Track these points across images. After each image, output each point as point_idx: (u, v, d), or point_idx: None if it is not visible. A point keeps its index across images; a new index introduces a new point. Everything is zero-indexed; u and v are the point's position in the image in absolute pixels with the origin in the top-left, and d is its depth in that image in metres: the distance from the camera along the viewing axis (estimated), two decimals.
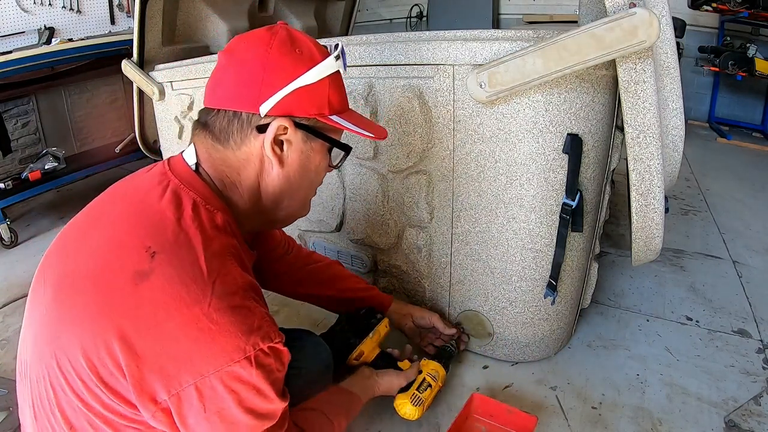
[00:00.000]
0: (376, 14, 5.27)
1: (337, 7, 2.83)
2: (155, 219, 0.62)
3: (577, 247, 1.18)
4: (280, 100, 0.67)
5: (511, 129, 1.06)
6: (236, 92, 0.68)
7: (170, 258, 0.58)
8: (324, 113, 0.71)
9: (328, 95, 0.71)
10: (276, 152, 0.70)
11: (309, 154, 0.74)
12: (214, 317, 0.56)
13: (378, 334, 1.14)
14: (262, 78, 0.67)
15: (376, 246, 1.42)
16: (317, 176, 0.79)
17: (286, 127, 0.69)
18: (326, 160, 0.78)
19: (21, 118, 2.80)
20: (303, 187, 0.77)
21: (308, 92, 0.68)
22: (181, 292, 0.56)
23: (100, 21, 3.17)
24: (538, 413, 1.13)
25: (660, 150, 0.99)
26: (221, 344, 0.56)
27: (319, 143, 0.74)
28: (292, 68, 0.67)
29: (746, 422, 1.12)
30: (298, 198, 0.78)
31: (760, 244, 1.97)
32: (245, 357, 0.57)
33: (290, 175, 0.73)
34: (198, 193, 0.66)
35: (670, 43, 1.03)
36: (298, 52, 0.68)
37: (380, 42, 1.21)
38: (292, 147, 0.71)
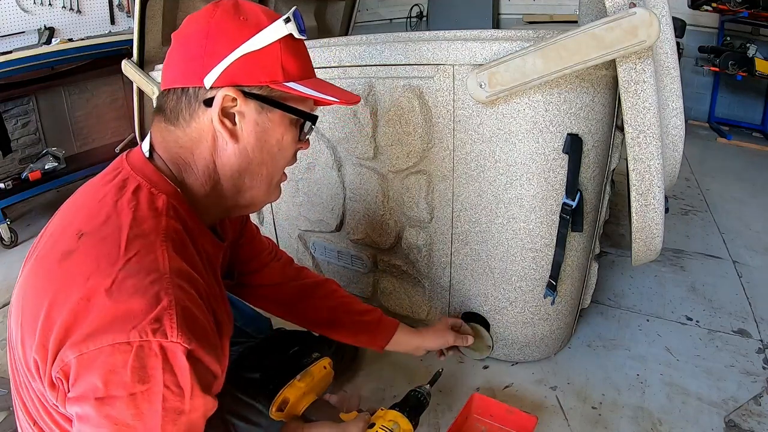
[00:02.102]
0: (376, 14, 5.26)
1: (337, 7, 2.83)
2: (95, 205, 0.60)
3: (577, 247, 1.18)
4: (224, 70, 0.62)
5: (511, 129, 1.06)
6: (182, 68, 0.64)
7: (94, 238, 0.56)
8: (277, 80, 0.65)
9: (280, 61, 0.65)
10: (226, 126, 0.65)
11: (266, 126, 0.67)
12: (114, 295, 0.52)
13: (311, 377, 0.91)
14: (204, 49, 0.62)
15: (376, 246, 1.42)
16: (282, 152, 0.71)
17: (234, 98, 0.64)
18: (291, 133, 0.70)
19: (21, 118, 2.81)
20: (265, 163, 0.70)
21: (256, 59, 0.63)
22: (91, 267, 0.54)
23: (100, 21, 3.17)
24: (538, 413, 1.13)
25: (660, 150, 0.99)
26: (110, 322, 0.51)
27: (277, 114, 0.67)
28: (236, 35, 0.63)
29: (746, 422, 1.12)
30: (260, 177, 0.71)
31: (760, 244, 1.97)
32: (126, 342, 0.50)
33: (247, 151, 0.67)
34: (145, 177, 0.63)
35: (670, 43, 1.03)
36: (242, 19, 0.63)
37: (380, 42, 1.21)
38: (246, 119, 0.66)
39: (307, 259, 1.64)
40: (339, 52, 1.24)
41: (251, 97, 0.65)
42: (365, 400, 1.23)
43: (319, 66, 1.28)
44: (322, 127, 1.38)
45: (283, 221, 1.66)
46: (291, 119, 0.69)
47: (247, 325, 1.21)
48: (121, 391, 0.51)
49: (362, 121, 1.27)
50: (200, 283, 0.61)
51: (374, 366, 1.34)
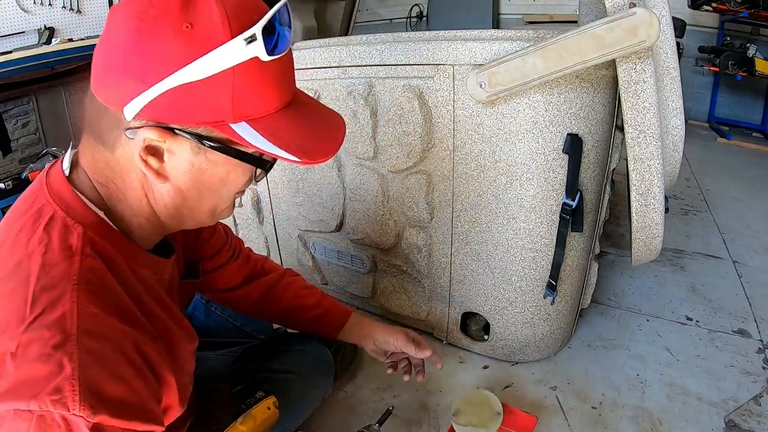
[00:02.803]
0: (376, 14, 5.26)
1: (337, 7, 2.83)
2: (11, 243, 0.52)
3: (577, 247, 1.18)
4: (151, 101, 0.47)
5: (511, 129, 1.06)
6: (101, 77, 0.50)
7: (5, 288, 0.50)
8: (223, 121, 0.49)
9: (231, 95, 0.48)
10: (150, 166, 0.52)
11: (204, 167, 0.54)
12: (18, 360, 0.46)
13: (253, 419, 0.84)
14: (128, 64, 0.46)
15: (376, 246, 1.42)
16: (227, 188, 0.58)
17: (161, 137, 0.50)
18: (240, 170, 0.56)
19: (21, 118, 2.81)
20: (206, 199, 0.58)
21: (196, 92, 0.47)
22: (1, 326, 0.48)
23: (100, 21, 3.16)
24: (538, 413, 1.13)
25: (660, 150, 0.99)
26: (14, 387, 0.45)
27: (220, 156, 0.53)
28: (174, 53, 0.45)
29: (746, 422, 1.12)
30: (202, 211, 0.60)
31: (760, 244, 1.97)
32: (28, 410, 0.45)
33: (182, 191, 0.56)
34: (62, 203, 0.53)
35: (670, 43, 1.03)
36: (186, 28, 0.45)
37: (380, 42, 1.21)
38: (177, 158, 0.52)
39: (307, 259, 1.64)
40: (339, 52, 1.24)
41: (184, 135, 0.50)
42: (365, 400, 1.24)
43: (319, 66, 1.29)
44: None
45: (283, 221, 1.66)
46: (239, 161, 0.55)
47: (246, 324, 1.21)
48: None
49: (362, 121, 1.27)
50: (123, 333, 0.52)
51: (374, 366, 1.34)
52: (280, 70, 0.51)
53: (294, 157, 0.52)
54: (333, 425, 1.17)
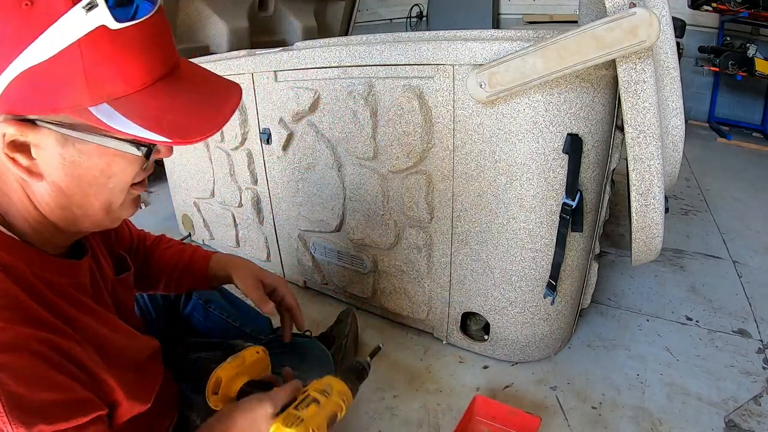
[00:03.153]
0: (376, 14, 5.27)
1: (337, 7, 2.84)
2: None
3: (577, 247, 1.18)
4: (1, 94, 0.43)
5: (511, 129, 1.06)
6: None
7: None
8: (80, 104, 0.44)
9: (83, 74, 0.42)
10: (20, 164, 0.47)
11: (77, 160, 0.48)
12: None
13: (242, 358, 0.86)
14: None
15: (376, 246, 1.42)
16: (114, 180, 0.52)
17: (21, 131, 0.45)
18: (125, 159, 0.50)
19: None
20: (91, 195, 0.52)
21: (41, 75, 0.42)
22: None
23: None
24: (539, 413, 1.13)
25: (660, 150, 0.99)
26: None
27: (91, 145, 0.48)
28: (16, 36, 0.40)
29: (746, 422, 1.12)
30: (93, 208, 0.54)
31: (760, 244, 1.97)
32: None
33: (62, 189, 0.50)
34: None
35: (670, 43, 1.03)
36: (26, 6, 0.40)
37: (380, 42, 1.21)
38: (45, 151, 0.47)
39: (307, 259, 1.64)
40: (339, 52, 1.24)
41: (45, 124, 0.45)
42: (365, 400, 1.24)
43: (319, 66, 1.29)
44: (322, 127, 1.38)
45: (283, 221, 1.66)
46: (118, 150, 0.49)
47: (245, 325, 1.21)
48: None
49: (362, 121, 1.27)
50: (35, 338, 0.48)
51: (374, 366, 1.34)
52: (141, 39, 0.44)
53: (164, 138, 0.46)
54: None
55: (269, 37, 2.45)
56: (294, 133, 1.46)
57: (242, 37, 2.16)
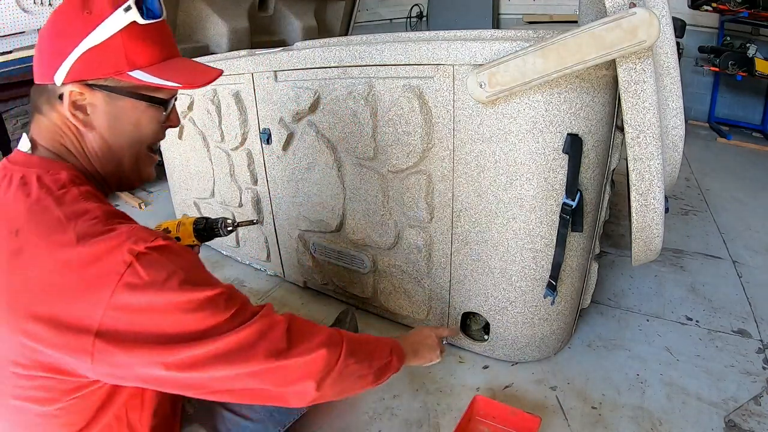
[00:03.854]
0: (376, 14, 5.27)
1: (337, 7, 2.84)
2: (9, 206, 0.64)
3: (577, 247, 1.18)
4: (70, 67, 0.67)
5: (511, 129, 1.06)
6: (39, 66, 0.70)
7: (30, 227, 0.61)
8: (121, 70, 0.68)
9: (124, 51, 0.68)
10: (78, 117, 0.70)
11: (117, 113, 0.71)
12: (86, 249, 0.59)
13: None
14: (53, 47, 0.67)
15: (376, 246, 1.42)
16: (142, 133, 0.75)
17: (81, 92, 0.68)
18: (148, 115, 0.74)
19: (21, 118, 2.81)
20: (125, 147, 0.75)
21: (99, 52, 0.67)
22: (49, 247, 0.60)
23: None
24: (538, 413, 1.13)
25: (660, 150, 0.99)
26: (104, 267, 0.58)
27: (127, 102, 0.71)
28: (78, 31, 0.66)
29: (746, 422, 1.12)
30: (126, 158, 0.76)
31: (760, 244, 1.97)
32: (128, 266, 0.59)
33: (105, 137, 0.73)
34: (38, 168, 0.68)
35: (670, 43, 1.03)
36: (86, 13, 0.66)
37: (380, 42, 1.21)
38: (96, 109, 0.70)
39: (306, 259, 1.64)
40: (339, 52, 1.24)
41: (98, 88, 0.69)
42: (365, 400, 1.24)
43: (319, 66, 1.29)
44: (322, 127, 1.38)
45: (283, 221, 1.66)
46: (146, 104, 0.73)
47: None
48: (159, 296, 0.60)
49: (362, 121, 1.27)
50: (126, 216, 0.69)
51: None
52: (156, 32, 0.71)
53: (176, 84, 0.71)
54: (333, 425, 1.17)
55: (269, 37, 2.45)
56: (294, 133, 1.46)
57: (242, 37, 2.16)
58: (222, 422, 0.92)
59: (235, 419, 0.92)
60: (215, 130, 1.69)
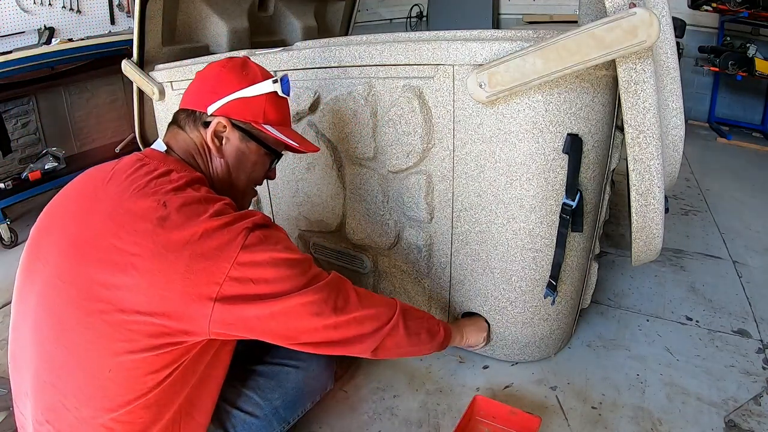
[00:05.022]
0: (376, 14, 5.26)
1: (337, 7, 2.83)
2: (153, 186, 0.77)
3: (577, 247, 1.18)
4: (223, 105, 0.87)
5: (511, 129, 1.06)
6: (195, 97, 0.90)
7: (176, 201, 0.75)
8: (258, 121, 0.90)
9: (264, 109, 0.90)
10: (215, 143, 0.88)
11: (245, 152, 0.92)
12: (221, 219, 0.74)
13: None
14: (213, 88, 0.88)
15: (376, 246, 1.42)
16: (254, 173, 0.96)
17: (225, 125, 0.88)
18: (263, 162, 0.96)
19: (21, 118, 2.81)
20: (240, 179, 0.94)
21: (247, 102, 0.88)
22: (192, 217, 0.74)
23: (100, 21, 3.17)
24: (538, 413, 1.13)
25: (660, 150, 0.99)
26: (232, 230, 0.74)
27: (254, 145, 0.92)
28: (237, 83, 0.88)
29: (746, 422, 1.12)
30: (237, 187, 0.94)
31: (760, 244, 1.97)
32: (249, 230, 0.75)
33: (228, 166, 0.91)
34: (175, 165, 0.83)
35: (670, 43, 1.03)
36: (244, 74, 0.89)
37: (380, 42, 1.21)
38: (230, 143, 0.90)
39: None
40: (339, 52, 1.24)
41: (237, 127, 0.89)
42: (365, 400, 1.24)
43: (319, 66, 1.29)
44: (322, 127, 1.38)
45: (283, 221, 1.66)
46: (265, 152, 0.94)
47: None
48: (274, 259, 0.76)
49: (362, 121, 1.27)
50: None
51: (374, 367, 1.34)
52: (286, 105, 0.97)
53: (294, 143, 0.94)
54: (333, 425, 1.17)
55: (269, 37, 2.45)
56: None
57: (242, 37, 2.15)
58: (229, 420, 0.95)
59: (241, 416, 0.96)
60: None
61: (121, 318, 0.70)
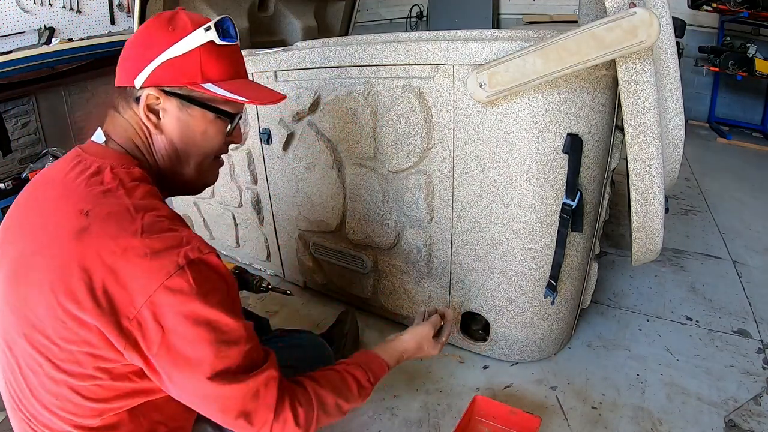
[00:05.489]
0: (376, 14, 5.27)
1: (337, 7, 2.83)
2: (82, 190, 0.69)
3: (577, 247, 1.18)
4: (150, 73, 0.72)
5: (511, 129, 1.06)
6: (122, 71, 0.76)
7: (101, 210, 0.66)
8: (195, 81, 0.74)
9: (200, 65, 0.74)
10: (151, 120, 0.75)
11: (187, 122, 0.77)
12: (148, 241, 0.63)
13: None
14: (139, 54, 0.74)
15: (376, 246, 1.42)
16: (207, 143, 0.80)
17: (157, 96, 0.74)
18: (215, 127, 0.79)
19: (21, 118, 2.80)
20: (192, 153, 0.80)
21: (178, 63, 0.73)
22: (117, 230, 0.64)
23: (100, 21, 3.16)
24: (538, 413, 1.13)
25: (660, 150, 0.99)
26: (157, 262, 0.63)
27: (197, 111, 0.76)
28: (163, 42, 0.72)
29: (746, 422, 1.12)
30: (191, 164, 0.81)
31: (760, 244, 1.97)
32: (179, 267, 0.63)
33: (173, 141, 0.78)
34: (111, 160, 0.73)
35: (670, 43, 1.03)
36: (170, 29, 0.73)
37: (380, 42, 1.21)
38: (168, 114, 0.76)
39: (307, 259, 1.64)
40: (339, 52, 1.24)
41: (172, 95, 0.74)
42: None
43: (319, 66, 1.29)
44: (322, 127, 1.38)
45: (283, 221, 1.66)
46: (213, 116, 0.78)
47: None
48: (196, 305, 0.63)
49: (362, 121, 1.27)
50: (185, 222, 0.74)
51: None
52: (230, 53, 0.77)
53: (244, 98, 0.76)
54: (333, 425, 1.17)
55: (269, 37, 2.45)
56: (294, 133, 1.46)
57: (242, 37, 2.15)
58: None
59: None
60: None
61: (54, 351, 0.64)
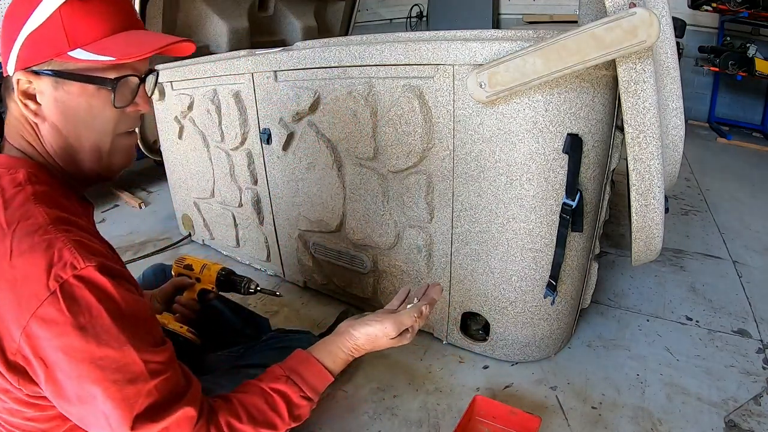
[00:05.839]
0: (376, 14, 5.27)
1: (337, 7, 2.84)
2: None
3: (577, 247, 1.18)
4: (17, 55, 0.63)
5: (511, 129, 1.06)
6: None
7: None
8: (63, 51, 0.62)
9: (64, 29, 0.62)
10: (30, 108, 0.65)
11: (67, 99, 0.65)
12: (17, 264, 0.56)
13: None
14: (4, 38, 0.65)
15: (376, 246, 1.42)
16: (98, 120, 0.67)
17: (28, 80, 0.64)
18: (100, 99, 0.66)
19: None
20: (83, 136, 0.68)
21: (39, 35, 0.62)
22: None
23: None
24: (538, 413, 1.13)
25: (660, 150, 0.99)
26: (27, 288, 0.55)
27: (74, 86, 0.65)
28: (20, 18, 0.62)
29: (746, 422, 1.12)
30: (86, 149, 0.69)
31: (760, 244, 1.97)
32: (50, 293, 0.55)
33: (59, 127, 0.67)
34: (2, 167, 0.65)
35: (670, 43, 1.03)
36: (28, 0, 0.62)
37: (380, 42, 1.21)
38: (45, 96, 0.65)
39: (307, 259, 1.64)
40: (339, 52, 1.24)
41: (43, 74, 0.63)
42: (365, 400, 1.24)
43: (319, 66, 1.29)
44: (322, 127, 1.38)
45: (283, 221, 1.66)
46: (96, 87, 0.66)
47: (246, 326, 1.21)
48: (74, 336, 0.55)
49: (362, 121, 1.27)
50: (83, 224, 0.64)
51: (373, 367, 1.34)
52: (101, 5, 0.64)
53: (108, 58, 0.62)
54: (332, 425, 1.17)
55: (269, 37, 2.45)
56: (294, 133, 1.46)
57: (242, 37, 2.16)
58: None
59: None
60: (215, 130, 1.69)
61: None
